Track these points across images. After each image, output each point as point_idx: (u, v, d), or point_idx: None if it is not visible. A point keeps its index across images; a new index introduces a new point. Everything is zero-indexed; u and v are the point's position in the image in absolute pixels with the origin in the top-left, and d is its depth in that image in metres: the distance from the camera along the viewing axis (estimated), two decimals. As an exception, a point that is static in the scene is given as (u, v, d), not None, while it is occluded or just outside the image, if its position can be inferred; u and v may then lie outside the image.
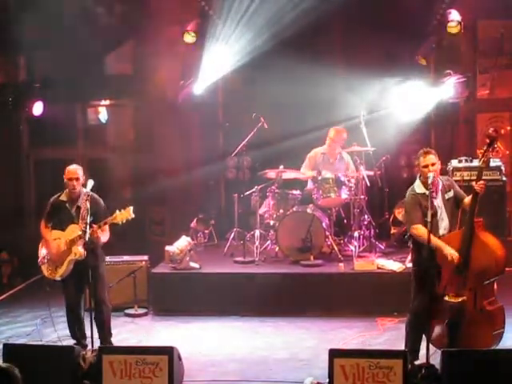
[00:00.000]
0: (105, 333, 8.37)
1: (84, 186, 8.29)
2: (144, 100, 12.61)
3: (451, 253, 7.32)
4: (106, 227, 8.19)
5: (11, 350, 7.23)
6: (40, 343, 8.72)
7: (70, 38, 11.65)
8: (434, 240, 7.33)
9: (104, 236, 8.19)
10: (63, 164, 12.77)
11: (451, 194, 7.66)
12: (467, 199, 7.58)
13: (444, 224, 7.61)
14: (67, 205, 8.27)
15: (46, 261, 8.32)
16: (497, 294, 7.59)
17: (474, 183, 7.42)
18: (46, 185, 12.76)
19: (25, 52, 12.29)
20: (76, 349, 7.34)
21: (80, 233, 8.01)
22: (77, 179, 8.24)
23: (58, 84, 11.78)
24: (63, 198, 8.30)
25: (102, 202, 8.35)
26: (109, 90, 12.77)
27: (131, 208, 8.05)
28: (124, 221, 8.06)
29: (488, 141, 7.51)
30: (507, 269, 7.62)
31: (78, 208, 8.22)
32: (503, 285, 7.79)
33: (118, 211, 8.07)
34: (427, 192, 7.42)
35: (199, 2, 12.11)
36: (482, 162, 7.49)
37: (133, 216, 8.05)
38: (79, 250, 8.05)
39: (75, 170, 8.32)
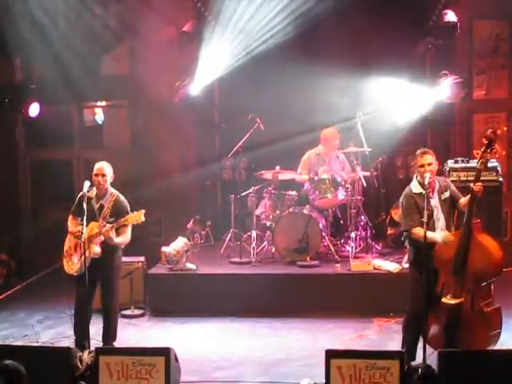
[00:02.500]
0: (108, 339, 8.39)
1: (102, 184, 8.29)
2: (140, 101, 12.59)
3: (444, 237, 7.36)
4: (128, 230, 8.19)
5: (7, 351, 7.22)
6: (36, 344, 8.70)
7: (66, 39, 11.66)
8: (430, 235, 7.34)
9: (122, 238, 8.19)
10: (59, 165, 12.88)
11: (447, 194, 7.67)
12: (463, 200, 7.59)
13: (440, 224, 7.62)
14: (92, 201, 8.24)
15: (67, 255, 8.33)
16: (494, 295, 7.59)
17: (471, 184, 7.42)
18: (43, 186, 12.79)
19: (21, 53, 12.26)
20: (73, 350, 7.31)
21: (97, 231, 8.02)
22: (102, 175, 8.23)
23: (54, 85, 11.77)
24: (90, 194, 8.19)
25: (126, 204, 8.34)
26: (105, 91, 12.74)
27: (143, 211, 8.03)
28: (135, 223, 8.06)
29: (486, 142, 7.49)
30: (504, 269, 7.63)
31: (102, 206, 8.23)
32: (500, 285, 7.80)
33: (130, 213, 8.08)
34: (424, 192, 7.42)
35: (195, 2, 12.13)
36: (480, 163, 7.47)
37: (143, 220, 8.04)
38: (94, 249, 8.04)
39: (101, 166, 8.31)
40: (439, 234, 7.45)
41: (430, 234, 7.34)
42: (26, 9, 11.39)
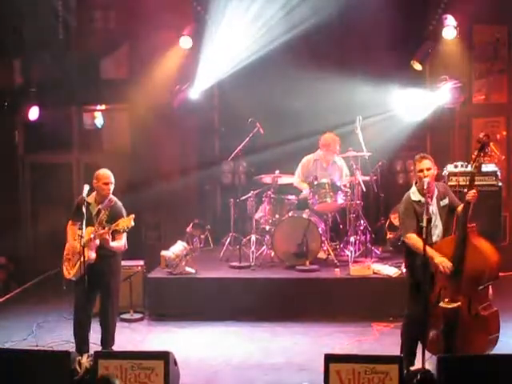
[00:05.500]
0: (107, 343, 8.39)
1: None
2: (140, 104, 12.58)
3: (442, 261, 7.32)
4: (123, 236, 8.23)
5: (6, 355, 7.22)
6: (36, 348, 8.69)
7: (66, 43, 11.68)
8: (427, 249, 7.34)
9: (117, 243, 8.19)
10: (59, 168, 12.88)
11: (446, 201, 7.65)
12: (461, 207, 7.55)
13: (437, 231, 7.61)
14: (91, 206, 8.24)
15: (65, 259, 8.34)
16: (492, 299, 7.59)
17: (465, 190, 7.42)
18: (42, 189, 12.78)
19: (20, 56, 12.26)
20: (72, 354, 7.30)
21: (92, 236, 8.03)
22: (112, 183, 8.28)
23: (53, 89, 11.76)
24: (89, 199, 8.19)
25: (123, 210, 8.35)
26: (104, 95, 12.74)
27: (132, 216, 8.07)
28: (126, 228, 8.08)
29: (479, 146, 7.51)
30: (502, 274, 7.62)
31: (99, 211, 8.24)
32: (498, 289, 7.80)
33: (122, 218, 8.10)
34: (422, 199, 7.43)
35: (195, 6, 12.14)
36: (474, 167, 7.48)
37: (133, 225, 8.06)
38: (89, 254, 8.04)
39: (109, 174, 8.33)
40: (437, 256, 7.41)
41: (428, 250, 7.32)
42: (25, 12, 11.41)
